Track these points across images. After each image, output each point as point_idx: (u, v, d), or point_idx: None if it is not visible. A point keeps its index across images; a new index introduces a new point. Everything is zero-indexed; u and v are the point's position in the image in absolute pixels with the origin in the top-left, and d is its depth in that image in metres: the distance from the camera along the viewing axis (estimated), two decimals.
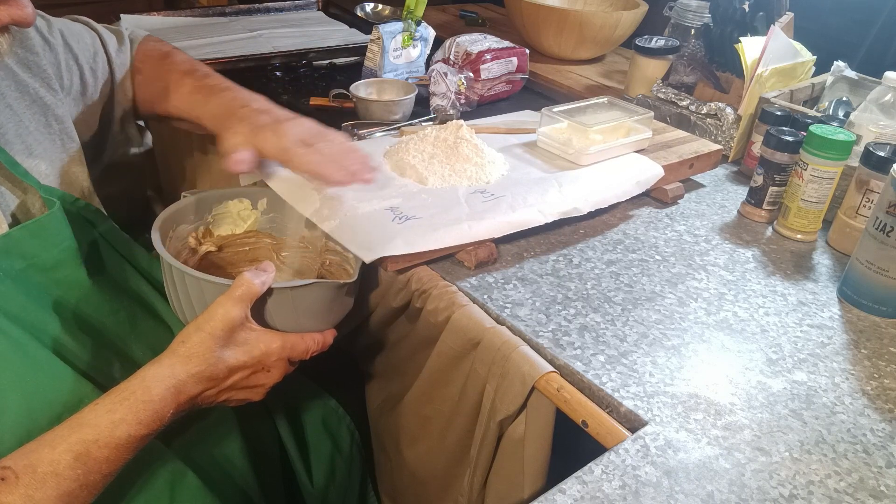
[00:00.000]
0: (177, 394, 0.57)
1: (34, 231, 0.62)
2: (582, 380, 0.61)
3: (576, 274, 0.75)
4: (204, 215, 0.79)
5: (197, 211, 0.78)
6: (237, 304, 0.60)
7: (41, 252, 0.63)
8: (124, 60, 0.83)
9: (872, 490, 0.53)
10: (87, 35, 0.80)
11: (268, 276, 0.62)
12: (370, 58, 1.14)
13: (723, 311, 0.71)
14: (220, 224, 0.81)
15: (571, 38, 1.33)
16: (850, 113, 0.95)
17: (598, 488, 0.51)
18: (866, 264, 0.72)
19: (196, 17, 1.42)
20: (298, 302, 0.65)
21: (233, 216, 0.81)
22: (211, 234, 0.80)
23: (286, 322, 0.66)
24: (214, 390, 0.61)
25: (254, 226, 0.82)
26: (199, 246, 0.78)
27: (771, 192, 0.88)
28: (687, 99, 1.06)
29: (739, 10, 1.04)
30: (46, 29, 0.74)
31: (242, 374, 0.62)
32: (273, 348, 0.63)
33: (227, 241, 0.81)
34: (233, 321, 0.60)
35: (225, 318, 0.59)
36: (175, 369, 0.58)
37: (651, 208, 0.91)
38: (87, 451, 0.53)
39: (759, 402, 0.60)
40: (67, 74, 0.75)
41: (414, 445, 0.81)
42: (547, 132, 0.93)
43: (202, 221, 0.79)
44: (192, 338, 0.59)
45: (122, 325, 0.69)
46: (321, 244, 0.80)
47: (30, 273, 0.62)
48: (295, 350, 0.65)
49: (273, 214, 0.82)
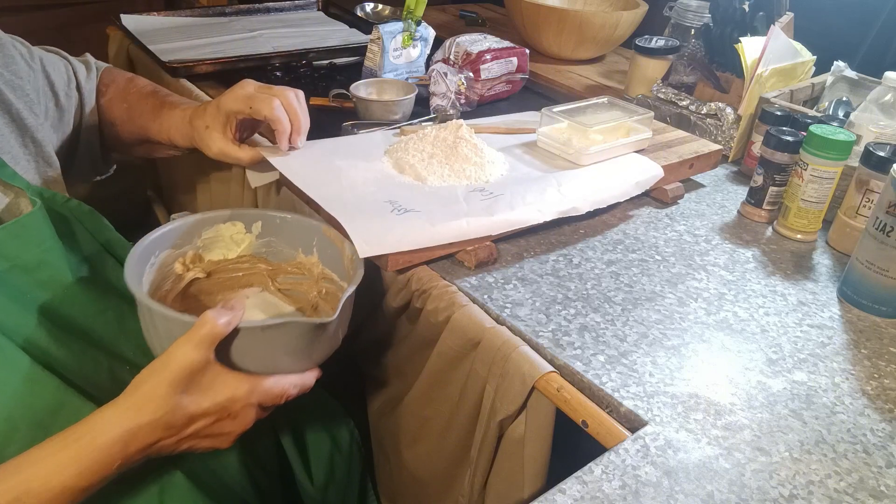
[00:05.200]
0: (126, 444, 0.53)
1: (15, 232, 0.62)
2: (582, 380, 0.61)
3: (576, 274, 0.75)
4: (193, 239, 0.74)
5: (185, 235, 0.74)
6: (198, 346, 0.55)
7: (23, 253, 0.62)
8: (92, 87, 0.86)
9: (872, 490, 0.53)
10: (61, 64, 0.83)
11: (234, 315, 0.57)
12: (370, 58, 1.14)
13: (723, 311, 0.71)
14: (211, 248, 0.76)
15: (571, 38, 1.33)
16: (850, 113, 0.95)
17: (598, 488, 0.51)
18: (866, 264, 0.72)
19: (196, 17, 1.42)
20: (272, 342, 0.60)
21: (225, 240, 0.77)
22: (201, 259, 0.76)
23: (259, 363, 0.60)
24: (173, 439, 0.57)
25: (248, 250, 0.78)
26: (185, 272, 0.74)
27: (771, 192, 0.88)
28: (687, 99, 1.06)
29: (739, 10, 1.04)
30: (29, 56, 0.77)
31: (205, 421, 0.57)
32: (239, 394, 0.58)
33: (219, 266, 0.77)
34: (192, 365, 0.55)
35: (183, 361, 0.55)
36: (126, 416, 0.53)
37: (651, 208, 0.91)
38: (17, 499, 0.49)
39: (759, 402, 0.60)
40: (45, 100, 0.78)
41: (414, 446, 0.81)
42: (547, 132, 0.93)
43: (191, 245, 0.74)
44: (148, 382, 0.55)
45: (111, 325, 0.68)
46: (318, 271, 0.76)
47: (13, 275, 0.61)
48: (267, 395, 0.60)
49: (269, 238, 0.77)
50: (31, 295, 0.62)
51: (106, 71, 0.90)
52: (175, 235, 0.72)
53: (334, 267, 0.74)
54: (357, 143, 0.92)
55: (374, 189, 0.79)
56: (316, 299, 0.77)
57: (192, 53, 1.20)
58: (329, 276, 0.75)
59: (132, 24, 1.30)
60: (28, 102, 0.73)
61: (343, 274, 0.73)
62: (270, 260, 0.79)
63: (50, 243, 0.64)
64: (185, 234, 0.73)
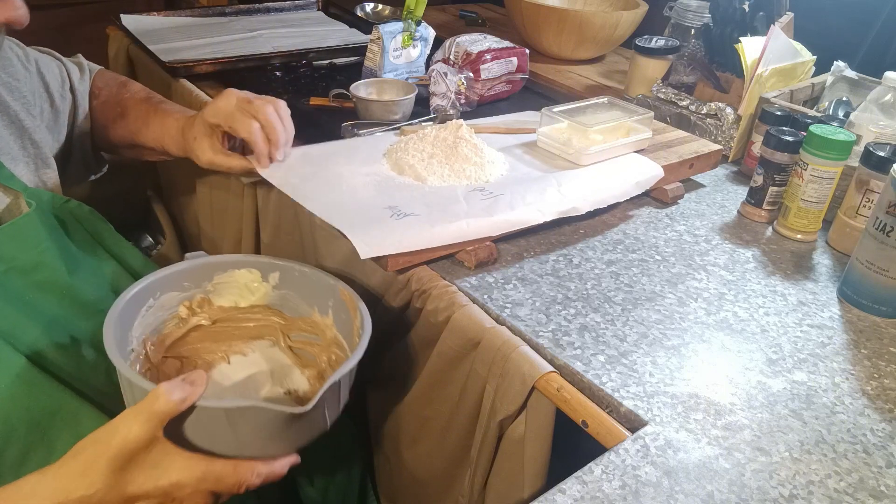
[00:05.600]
0: None
1: (11, 234, 0.62)
2: (582, 380, 0.61)
3: (576, 274, 0.75)
4: (202, 283, 0.70)
5: (194, 276, 0.69)
6: (145, 421, 0.50)
7: (20, 255, 0.62)
8: (85, 89, 0.86)
9: (872, 490, 0.53)
10: (55, 65, 0.83)
11: (192, 392, 0.52)
12: (370, 58, 1.14)
13: (723, 311, 0.71)
14: (222, 294, 0.71)
15: (571, 38, 1.33)
16: (850, 113, 0.95)
17: (598, 488, 0.51)
18: (866, 264, 0.72)
19: (196, 17, 1.42)
20: (236, 426, 0.54)
21: (238, 287, 0.72)
22: (209, 304, 0.71)
23: (220, 445, 0.54)
24: None
25: (262, 300, 0.73)
26: (190, 316, 0.69)
27: (771, 192, 0.88)
28: (687, 99, 1.06)
29: (739, 10, 1.04)
30: (24, 57, 0.77)
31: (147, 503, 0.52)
32: (187, 479, 0.52)
33: (228, 314, 0.72)
34: (137, 441, 0.50)
35: (127, 436, 0.49)
36: (55, 487, 0.49)
37: (651, 208, 0.91)
38: None
39: (759, 402, 0.60)
40: (41, 101, 0.78)
41: (414, 446, 0.81)
42: (547, 132, 0.93)
43: (200, 289, 0.70)
44: (87, 451, 0.50)
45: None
46: (331, 335, 0.71)
47: (10, 277, 0.61)
48: (221, 482, 0.54)
49: (285, 291, 0.72)
50: (29, 297, 0.62)
51: (99, 73, 0.90)
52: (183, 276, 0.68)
53: (346, 334, 0.70)
54: (355, 146, 0.91)
55: (373, 193, 0.79)
56: (325, 365, 0.72)
57: (192, 53, 1.20)
58: (340, 342, 0.70)
59: (132, 24, 1.30)
60: (25, 104, 0.74)
61: (352, 345, 0.67)
62: (285, 313, 0.74)
63: (47, 244, 0.64)
64: (195, 276, 0.69)
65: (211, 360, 0.71)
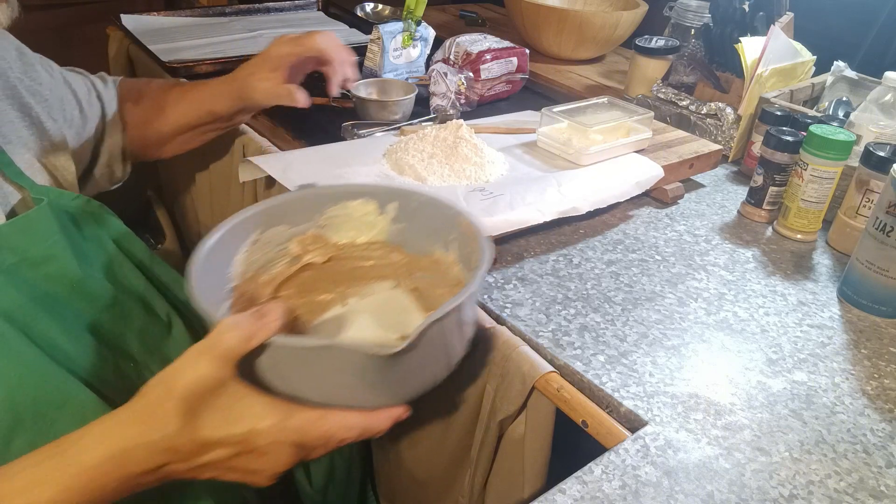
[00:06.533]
0: (120, 463, 0.45)
1: (23, 226, 0.62)
2: (582, 380, 0.61)
3: (576, 274, 0.75)
4: (314, 216, 0.63)
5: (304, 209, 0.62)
6: (212, 360, 0.45)
7: (31, 247, 0.63)
8: (111, 97, 0.87)
9: (872, 490, 0.53)
10: (80, 78, 0.85)
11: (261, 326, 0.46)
12: (370, 58, 1.14)
13: (723, 311, 0.71)
14: (336, 229, 0.65)
15: (571, 38, 1.33)
16: (850, 113, 0.95)
17: (598, 488, 0.51)
18: (866, 264, 0.72)
19: (196, 17, 1.42)
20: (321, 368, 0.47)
21: (354, 220, 0.65)
22: (323, 240, 0.65)
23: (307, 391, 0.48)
24: (183, 466, 0.47)
25: (381, 235, 0.66)
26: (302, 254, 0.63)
27: (771, 192, 0.88)
28: (687, 99, 1.06)
29: (739, 10, 1.04)
30: (48, 67, 0.79)
31: (221, 452, 0.47)
32: (263, 427, 0.47)
33: (343, 251, 0.65)
34: (202, 381, 0.45)
35: (193, 376, 0.45)
36: (123, 431, 0.46)
37: (651, 208, 0.91)
38: None
39: (759, 402, 0.60)
40: (69, 107, 0.79)
41: (414, 446, 0.81)
42: (547, 132, 0.93)
43: (311, 223, 0.63)
44: (153, 393, 0.46)
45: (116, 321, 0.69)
46: (454, 273, 0.64)
47: (21, 268, 0.62)
48: (306, 434, 0.48)
49: (405, 224, 0.65)
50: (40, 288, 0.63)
51: (122, 80, 0.92)
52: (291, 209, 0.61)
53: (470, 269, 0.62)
54: (355, 146, 0.91)
55: None
56: None
57: (192, 53, 1.20)
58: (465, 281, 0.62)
59: (132, 24, 1.30)
60: (47, 107, 0.75)
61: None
62: (406, 251, 0.66)
63: (57, 238, 0.65)
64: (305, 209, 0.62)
65: (325, 303, 0.66)
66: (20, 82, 0.73)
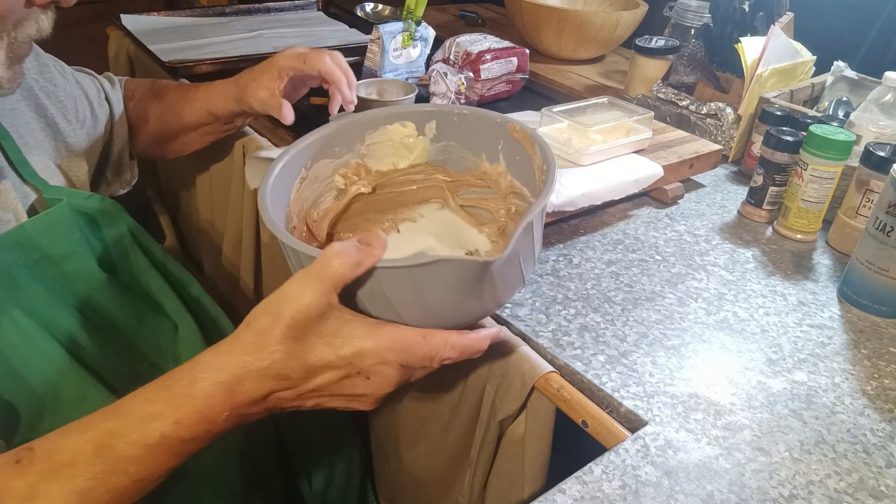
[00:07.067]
0: (231, 392, 0.46)
1: (45, 224, 0.63)
2: (582, 380, 0.61)
3: (576, 274, 0.75)
4: (354, 145, 0.62)
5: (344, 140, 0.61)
6: (319, 287, 0.46)
7: (52, 244, 0.63)
8: (118, 97, 0.88)
9: (872, 490, 0.53)
10: (89, 78, 0.86)
11: (368, 253, 0.47)
12: (370, 58, 1.14)
13: (723, 311, 0.71)
14: (377, 156, 0.64)
15: (571, 38, 1.33)
16: (850, 113, 0.95)
17: (598, 488, 0.51)
18: (866, 264, 0.72)
19: (196, 17, 1.42)
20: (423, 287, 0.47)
21: (394, 145, 0.64)
22: (366, 169, 0.64)
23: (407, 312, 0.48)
24: (290, 392, 0.48)
25: (422, 157, 0.65)
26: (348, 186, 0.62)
27: (771, 192, 0.88)
28: (687, 99, 1.06)
29: (739, 10, 1.04)
30: (60, 68, 0.80)
31: (329, 376, 0.48)
32: (370, 347, 0.47)
33: (388, 178, 0.64)
34: (309, 308, 0.46)
35: (300, 303, 0.45)
36: (231, 360, 0.46)
37: (651, 208, 0.91)
38: (110, 444, 0.44)
39: (759, 402, 0.60)
40: (81, 108, 0.80)
41: (414, 447, 0.81)
42: (547, 132, 0.93)
43: (353, 153, 0.62)
44: (259, 321, 0.46)
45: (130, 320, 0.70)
46: (506, 182, 0.62)
47: (43, 265, 0.63)
48: (411, 353, 0.49)
49: (445, 142, 0.64)
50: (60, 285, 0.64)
51: (128, 80, 0.92)
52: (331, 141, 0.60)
53: (524, 178, 0.61)
54: None
55: None
56: (505, 219, 0.63)
57: (192, 53, 1.20)
58: (519, 189, 0.62)
59: (132, 24, 1.30)
60: (61, 108, 0.76)
61: (534, 187, 0.59)
62: (449, 169, 0.65)
63: (77, 236, 0.66)
64: (345, 139, 0.61)
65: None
66: (36, 83, 0.73)
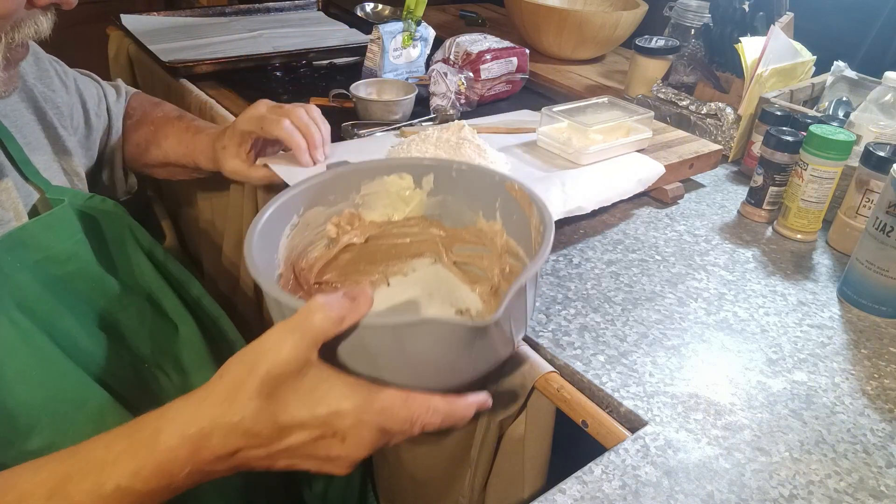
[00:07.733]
0: (196, 447, 0.43)
1: (48, 223, 0.63)
2: (582, 380, 0.61)
3: (576, 274, 0.75)
4: (350, 194, 0.61)
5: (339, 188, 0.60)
6: (298, 340, 0.43)
7: (55, 244, 0.63)
8: (120, 110, 0.88)
9: (872, 490, 0.53)
10: (93, 86, 0.85)
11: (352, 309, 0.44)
12: (370, 58, 1.14)
13: (723, 311, 0.71)
14: (372, 206, 0.63)
15: (571, 38, 1.33)
16: (850, 113, 0.95)
17: (598, 488, 0.51)
18: (866, 264, 0.72)
19: (196, 17, 1.42)
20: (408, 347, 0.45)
21: (390, 196, 0.63)
22: (360, 219, 0.63)
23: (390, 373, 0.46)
24: (260, 451, 0.45)
25: (418, 210, 0.64)
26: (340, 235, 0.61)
27: (771, 192, 0.88)
28: (687, 99, 1.06)
29: (739, 10, 1.04)
30: (63, 73, 0.80)
31: (302, 436, 0.45)
32: (347, 407, 0.44)
33: (381, 230, 0.63)
34: (287, 362, 0.43)
35: (277, 357, 0.43)
36: (200, 412, 0.43)
37: (651, 208, 0.91)
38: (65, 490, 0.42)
39: (759, 402, 0.60)
40: (77, 116, 0.80)
41: (414, 446, 0.81)
42: (547, 132, 0.93)
43: (347, 202, 0.61)
44: (233, 372, 0.44)
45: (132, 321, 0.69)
46: (501, 241, 0.62)
47: (45, 265, 0.63)
48: (390, 416, 0.46)
49: (443, 196, 0.63)
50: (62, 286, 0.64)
51: (134, 95, 0.92)
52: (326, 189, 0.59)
53: (521, 237, 0.60)
54: (357, 147, 0.91)
55: None
56: (498, 279, 0.62)
57: (192, 53, 1.20)
58: (514, 249, 0.61)
59: (132, 24, 1.30)
60: (59, 115, 0.76)
61: (529, 247, 0.58)
62: (445, 224, 0.64)
63: (79, 237, 0.66)
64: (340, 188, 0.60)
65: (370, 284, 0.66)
66: (35, 88, 0.74)
